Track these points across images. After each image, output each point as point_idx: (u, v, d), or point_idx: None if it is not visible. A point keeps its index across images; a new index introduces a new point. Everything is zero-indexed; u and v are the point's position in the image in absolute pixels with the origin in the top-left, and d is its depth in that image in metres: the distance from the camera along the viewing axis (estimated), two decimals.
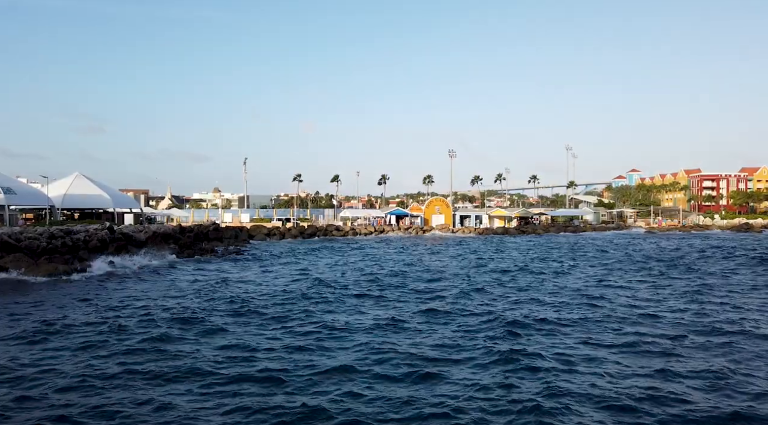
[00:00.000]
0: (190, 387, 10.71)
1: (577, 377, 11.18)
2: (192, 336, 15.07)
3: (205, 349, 13.62)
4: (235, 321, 17.39)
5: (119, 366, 12.10)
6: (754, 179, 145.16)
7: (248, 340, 14.49)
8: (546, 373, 11.34)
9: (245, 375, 11.36)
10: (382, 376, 11.33)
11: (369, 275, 30.39)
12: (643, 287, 25.11)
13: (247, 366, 12.00)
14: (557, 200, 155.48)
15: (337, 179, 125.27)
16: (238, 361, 12.45)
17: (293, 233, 75.43)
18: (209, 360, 12.53)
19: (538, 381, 10.89)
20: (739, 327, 15.92)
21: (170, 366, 11.98)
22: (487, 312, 18.47)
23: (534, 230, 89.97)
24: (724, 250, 49.36)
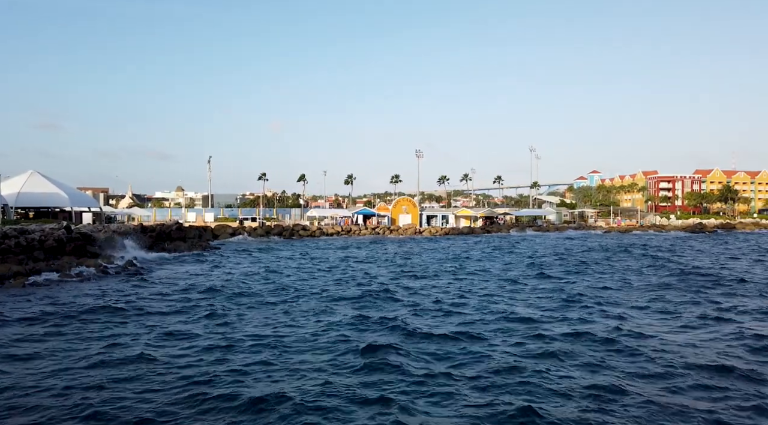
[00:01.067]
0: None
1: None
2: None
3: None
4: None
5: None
6: (707, 180, 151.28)
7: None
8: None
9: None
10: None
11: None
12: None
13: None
14: (521, 200, 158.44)
15: (304, 179, 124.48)
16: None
17: (259, 232, 74.52)
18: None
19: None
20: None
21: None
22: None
23: (499, 230, 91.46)
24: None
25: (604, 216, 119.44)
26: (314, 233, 78.78)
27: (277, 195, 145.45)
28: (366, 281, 27.69)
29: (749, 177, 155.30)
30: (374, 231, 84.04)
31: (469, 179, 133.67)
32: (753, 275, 29.73)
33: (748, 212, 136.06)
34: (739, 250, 50.96)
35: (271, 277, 29.62)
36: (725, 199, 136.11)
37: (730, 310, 18.90)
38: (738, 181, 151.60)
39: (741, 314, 18.31)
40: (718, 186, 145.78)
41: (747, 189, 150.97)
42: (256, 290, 24.22)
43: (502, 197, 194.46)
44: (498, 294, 22.95)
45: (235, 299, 21.81)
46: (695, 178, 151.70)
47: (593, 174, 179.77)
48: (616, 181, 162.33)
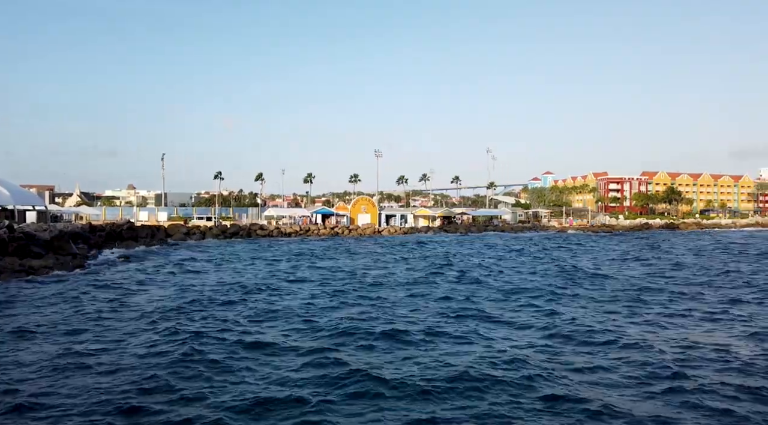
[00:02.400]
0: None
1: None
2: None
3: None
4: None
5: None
6: (653, 182, 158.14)
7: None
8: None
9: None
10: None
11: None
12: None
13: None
14: (478, 200, 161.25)
15: (262, 178, 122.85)
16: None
17: (215, 232, 73.04)
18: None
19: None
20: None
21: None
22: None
23: (456, 230, 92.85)
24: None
25: (556, 216, 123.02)
26: (272, 233, 77.87)
27: (234, 194, 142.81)
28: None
29: (692, 179, 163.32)
30: (333, 231, 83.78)
31: (428, 179, 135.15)
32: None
33: (691, 213, 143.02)
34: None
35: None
36: (670, 200, 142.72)
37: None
38: (681, 183, 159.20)
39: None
40: (663, 188, 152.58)
41: (689, 191, 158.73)
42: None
43: (459, 197, 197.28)
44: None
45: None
46: (642, 179, 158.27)
47: (547, 175, 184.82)
48: (569, 182, 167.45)
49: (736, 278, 28.96)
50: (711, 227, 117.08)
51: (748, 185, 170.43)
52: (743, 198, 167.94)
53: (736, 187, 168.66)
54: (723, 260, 39.81)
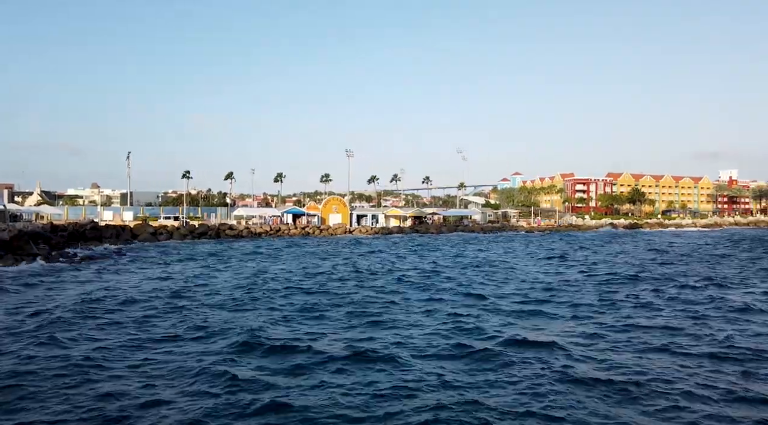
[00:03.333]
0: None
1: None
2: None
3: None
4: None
5: None
6: (618, 183, 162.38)
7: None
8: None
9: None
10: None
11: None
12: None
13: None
14: (449, 200, 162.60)
15: (231, 177, 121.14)
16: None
17: (182, 232, 71.68)
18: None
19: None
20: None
21: None
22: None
23: (427, 230, 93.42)
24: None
25: (525, 216, 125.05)
26: (241, 233, 76.89)
27: (202, 194, 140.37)
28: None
29: (654, 181, 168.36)
30: (304, 231, 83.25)
31: (399, 179, 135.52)
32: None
33: (653, 213, 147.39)
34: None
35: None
36: (633, 201, 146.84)
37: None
38: (644, 184, 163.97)
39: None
40: (627, 189, 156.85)
41: (652, 192, 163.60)
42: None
43: (430, 197, 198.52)
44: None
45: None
46: (607, 181, 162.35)
47: (516, 176, 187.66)
48: (537, 183, 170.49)
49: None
50: (673, 227, 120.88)
51: (707, 186, 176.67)
52: (703, 199, 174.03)
53: (696, 188, 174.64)
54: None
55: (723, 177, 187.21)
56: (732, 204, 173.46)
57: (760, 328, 16.55)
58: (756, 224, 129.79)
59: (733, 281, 28.15)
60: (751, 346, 14.19)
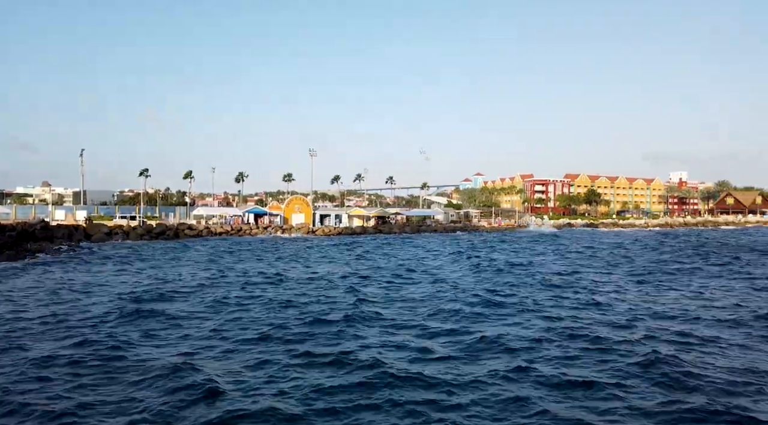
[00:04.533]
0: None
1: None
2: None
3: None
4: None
5: None
6: (575, 184, 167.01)
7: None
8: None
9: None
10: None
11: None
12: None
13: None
14: (412, 200, 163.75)
15: (191, 176, 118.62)
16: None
17: (139, 232, 69.65)
18: None
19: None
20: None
21: None
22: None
23: (391, 230, 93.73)
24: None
25: (486, 216, 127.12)
26: (201, 233, 75.32)
27: (161, 193, 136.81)
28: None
29: (609, 182, 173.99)
30: (266, 231, 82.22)
31: (362, 179, 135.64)
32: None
33: (608, 214, 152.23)
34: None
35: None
36: (590, 201, 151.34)
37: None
38: (600, 185, 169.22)
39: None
40: (584, 189, 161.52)
41: (607, 193, 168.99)
42: None
43: (393, 197, 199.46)
44: None
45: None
46: (565, 182, 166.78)
47: (478, 176, 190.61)
48: (498, 183, 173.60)
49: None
50: (626, 227, 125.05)
51: (659, 188, 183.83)
52: (654, 200, 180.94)
53: (648, 190, 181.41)
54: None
55: (673, 179, 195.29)
56: (682, 205, 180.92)
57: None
58: (704, 224, 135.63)
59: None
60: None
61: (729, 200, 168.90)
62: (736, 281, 28.88)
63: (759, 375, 12.18)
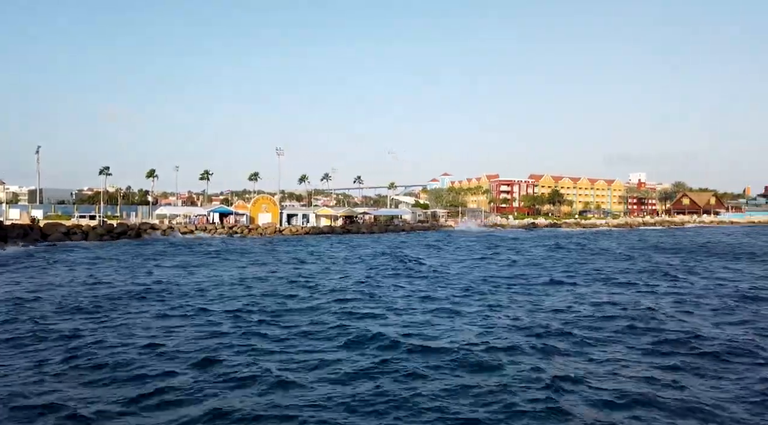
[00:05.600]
0: None
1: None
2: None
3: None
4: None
5: None
6: (539, 184, 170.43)
7: None
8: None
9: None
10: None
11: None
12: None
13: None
14: (380, 200, 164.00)
15: (154, 174, 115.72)
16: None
17: (99, 232, 67.57)
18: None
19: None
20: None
21: None
22: None
23: (359, 230, 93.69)
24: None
25: (453, 216, 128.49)
26: (165, 233, 73.65)
27: (122, 191, 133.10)
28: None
29: (572, 183, 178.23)
30: (232, 230, 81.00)
31: (330, 178, 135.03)
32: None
33: (571, 214, 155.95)
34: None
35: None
36: (553, 201, 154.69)
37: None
38: (563, 186, 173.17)
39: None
40: (548, 190, 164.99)
41: (570, 193, 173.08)
42: None
43: (361, 196, 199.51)
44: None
45: None
46: (530, 182, 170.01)
47: (445, 176, 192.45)
48: (464, 183, 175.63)
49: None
50: (588, 227, 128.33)
51: (619, 188, 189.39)
52: (615, 200, 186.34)
53: (609, 190, 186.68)
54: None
55: (633, 180, 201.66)
56: (641, 205, 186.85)
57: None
58: (661, 223, 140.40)
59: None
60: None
61: (685, 201, 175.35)
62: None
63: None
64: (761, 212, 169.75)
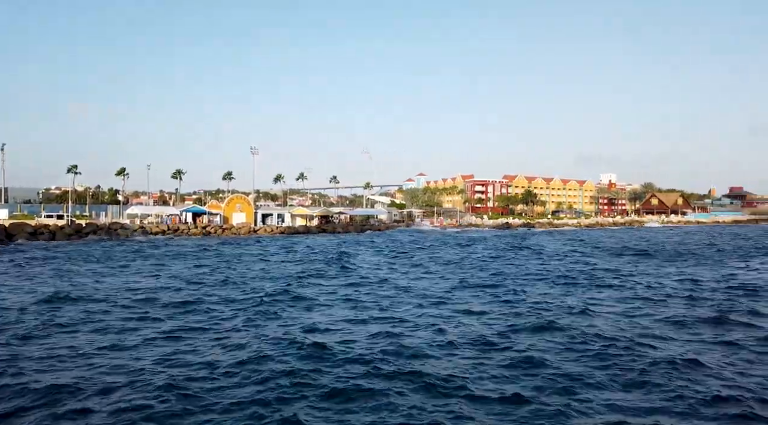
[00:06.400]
0: None
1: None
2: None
3: None
4: None
5: None
6: (513, 185, 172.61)
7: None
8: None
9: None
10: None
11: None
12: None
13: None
14: (356, 199, 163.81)
15: (124, 173, 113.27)
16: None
17: (67, 231, 65.91)
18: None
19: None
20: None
21: None
22: None
23: (334, 229, 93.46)
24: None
25: (429, 216, 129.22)
26: (135, 232, 72.21)
27: (91, 190, 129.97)
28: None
29: (545, 183, 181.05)
30: (205, 230, 79.87)
31: (305, 178, 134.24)
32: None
33: (544, 213, 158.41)
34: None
35: None
36: (526, 201, 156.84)
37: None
38: (536, 186, 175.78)
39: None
40: (521, 190, 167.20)
41: (543, 193, 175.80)
42: None
43: (337, 196, 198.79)
44: None
45: None
46: (504, 182, 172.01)
47: (420, 176, 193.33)
48: (440, 183, 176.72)
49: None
50: (561, 226, 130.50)
51: (590, 189, 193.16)
52: (586, 201, 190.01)
53: (581, 191, 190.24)
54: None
55: (604, 181, 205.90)
56: (611, 206, 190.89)
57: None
58: (630, 223, 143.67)
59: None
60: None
61: (653, 201, 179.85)
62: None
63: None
64: (725, 212, 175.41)
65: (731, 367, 12.76)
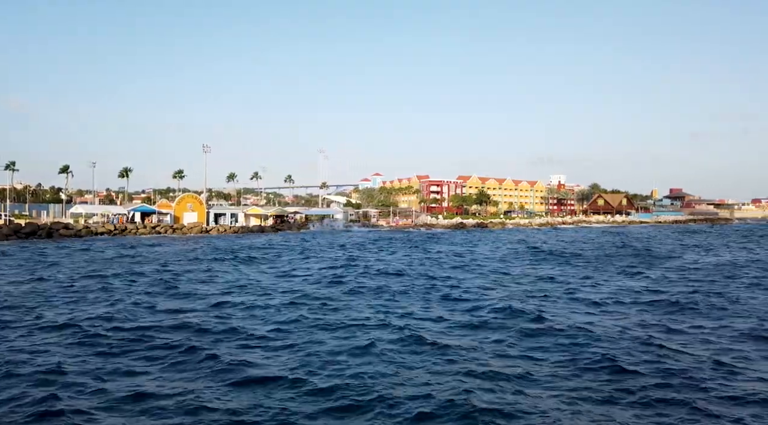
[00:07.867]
0: None
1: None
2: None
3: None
4: None
5: None
6: (467, 185, 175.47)
7: None
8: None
9: None
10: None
11: None
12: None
13: None
14: (311, 199, 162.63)
15: (68, 170, 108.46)
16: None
17: (5, 232, 62.50)
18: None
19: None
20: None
21: None
22: None
23: (290, 229, 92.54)
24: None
25: (385, 216, 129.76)
26: (79, 233, 69.21)
27: (30, 188, 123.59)
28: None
29: (498, 183, 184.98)
30: (155, 230, 77.41)
31: (260, 177, 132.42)
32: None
33: (496, 214, 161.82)
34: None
35: None
36: (480, 201, 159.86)
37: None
38: (490, 186, 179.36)
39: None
40: (475, 190, 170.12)
41: (496, 194, 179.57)
42: None
43: (293, 196, 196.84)
44: None
45: None
46: (458, 183, 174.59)
47: (376, 176, 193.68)
48: (396, 183, 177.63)
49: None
50: (513, 226, 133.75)
51: (541, 189, 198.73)
52: (537, 201, 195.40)
53: (532, 191, 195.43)
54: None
55: (553, 182, 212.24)
56: (560, 206, 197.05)
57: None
58: (578, 223, 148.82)
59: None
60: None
61: (600, 202, 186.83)
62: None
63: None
64: (666, 213, 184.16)
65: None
